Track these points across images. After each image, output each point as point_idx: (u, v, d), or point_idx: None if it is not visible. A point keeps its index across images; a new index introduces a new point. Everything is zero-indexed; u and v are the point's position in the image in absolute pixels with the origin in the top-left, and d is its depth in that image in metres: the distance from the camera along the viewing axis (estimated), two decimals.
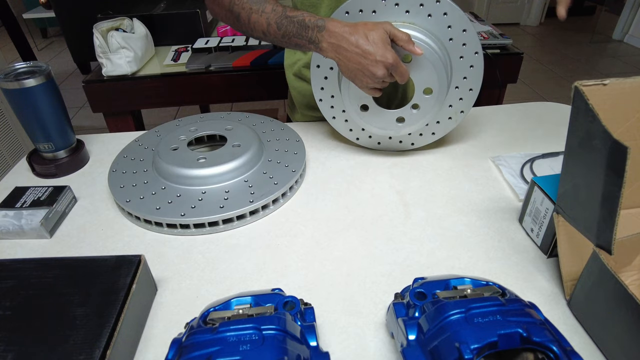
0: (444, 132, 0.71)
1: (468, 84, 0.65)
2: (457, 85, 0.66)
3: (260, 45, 1.29)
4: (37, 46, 3.84)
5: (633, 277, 0.47)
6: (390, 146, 0.74)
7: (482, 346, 0.31)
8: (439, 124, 0.70)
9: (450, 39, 0.62)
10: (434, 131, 0.71)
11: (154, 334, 0.45)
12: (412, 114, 0.65)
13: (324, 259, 0.54)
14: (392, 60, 0.55)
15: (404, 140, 0.73)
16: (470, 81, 0.65)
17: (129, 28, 1.24)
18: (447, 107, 0.68)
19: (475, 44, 0.62)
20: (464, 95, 0.67)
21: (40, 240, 0.58)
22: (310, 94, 0.88)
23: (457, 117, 0.69)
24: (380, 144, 0.74)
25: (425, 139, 0.72)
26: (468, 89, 0.66)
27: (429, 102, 0.63)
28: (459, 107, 0.68)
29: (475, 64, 0.63)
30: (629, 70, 3.05)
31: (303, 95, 0.88)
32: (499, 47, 1.27)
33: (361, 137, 0.74)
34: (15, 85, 0.63)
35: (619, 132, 0.43)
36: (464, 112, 0.69)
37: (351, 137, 0.75)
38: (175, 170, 0.62)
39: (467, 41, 0.62)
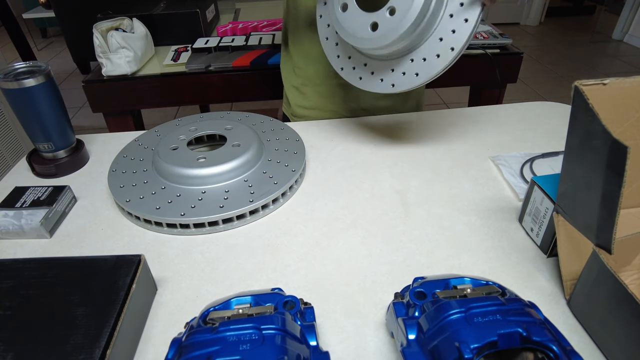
0: (428, 75, 0.61)
1: (464, 12, 0.56)
2: (451, 13, 0.57)
3: (260, 45, 1.29)
4: (37, 46, 3.84)
5: (633, 276, 0.47)
6: (371, 84, 0.67)
7: (482, 346, 0.31)
8: (425, 62, 0.60)
9: None
10: (418, 71, 0.61)
11: (154, 333, 0.45)
12: (386, 19, 0.58)
13: (324, 259, 0.54)
14: None
15: (386, 79, 0.65)
16: (466, 9, 0.56)
17: (128, 28, 1.24)
18: (436, 41, 0.59)
19: None
20: (457, 27, 0.57)
21: (40, 240, 0.58)
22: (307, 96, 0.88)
23: (447, 56, 0.58)
24: (361, 80, 0.68)
25: (408, 80, 0.63)
26: (463, 19, 0.56)
27: (405, 5, 0.55)
28: (449, 42, 0.58)
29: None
30: (629, 69, 3.05)
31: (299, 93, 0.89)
32: (498, 46, 1.27)
33: (345, 67, 0.69)
34: (14, 85, 0.63)
35: (618, 132, 0.43)
36: (455, 50, 0.58)
37: (337, 64, 0.71)
38: (175, 170, 0.62)
39: None
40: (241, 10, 1.82)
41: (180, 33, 1.39)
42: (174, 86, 1.24)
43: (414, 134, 0.79)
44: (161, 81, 1.23)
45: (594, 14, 4.29)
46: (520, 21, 4.08)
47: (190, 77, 1.22)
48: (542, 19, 4.05)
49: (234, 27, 1.46)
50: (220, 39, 1.32)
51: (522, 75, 2.35)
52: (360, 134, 0.80)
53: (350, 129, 0.82)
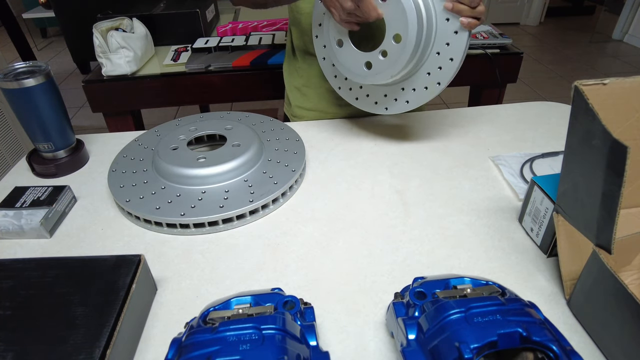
0: (417, 103, 0.68)
1: (449, 52, 0.61)
2: (438, 51, 0.62)
3: (260, 45, 1.29)
4: (37, 46, 3.84)
5: (633, 276, 0.47)
6: (366, 105, 0.73)
7: (481, 345, 0.31)
8: (414, 92, 0.67)
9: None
10: (408, 99, 0.68)
11: (154, 333, 0.45)
12: (379, 61, 0.63)
13: (323, 259, 0.54)
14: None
15: (380, 102, 0.71)
16: (452, 49, 0.61)
17: (128, 28, 1.24)
18: (424, 75, 0.64)
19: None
20: (443, 65, 0.62)
21: (40, 240, 0.58)
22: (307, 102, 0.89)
23: (434, 89, 0.65)
24: (357, 100, 0.73)
25: (399, 106, 0.69)
26: (449, 58, 0.62)
27: (396, 51, 0.60)
28: (436, 77, 0.64)
29: (459, 30, 0.60)
30: (629, 69, 3.05)
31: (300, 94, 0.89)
32: (498, 46, 1.27)
33: (342, 87, 0.74)
34: (14, 85, 0.63)
35: (618, 132, 0.43)
36: (441, 85, 0.64)
37: (334, 84, 0.74)
38: (175, 170, 0.62)
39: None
40: (241, 10, 1.82)
41: (180, 33, 1.39)
42: (174, 86, 1.24)
43: (414, 134, 0.79)
44: (161, 81, 1.22)
45: (594, 14, 4.29)
46: (520, 21, 4.08)
47: (190, 77, 1.22)
48: (542, 19, 4.05)
49: (233, 27, 1.46)
50: (220, 39, 1.32)
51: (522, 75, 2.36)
52: (360, 134, 0.80)
53: (350, 129, 0.82)
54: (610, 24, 3.67)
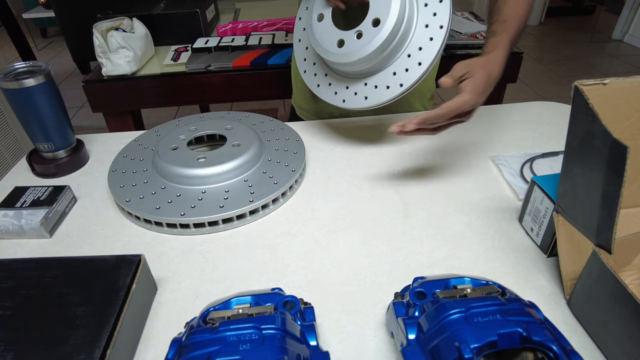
0: (375, 101, 0.66)
1: (420, 56, 0.61)
2: (409, 54, 0.62)
3: (260, 45, 1.29)
4: (37, 46, 3.84)
5: (633, 276, 0.47)
6: (326, 94, 0.71)
7: (482, 345, 0.31)
8: (376, 89, 0.65)
9: (426, 4, 0.60)
10: (367, 96, 0.66)
11: (154, 333, 0.45)
12: (352, 41, 0.62)
13: (323, 259, 0.54)
14: None
15: (339, 93, 0.69)
16: (423, 54, 0.61)
17: (128, 28, 1.24)
18: (390, 74, 0.64)
19: (444, 17, 0.59)
20: (411, 67, 0.62)
21: (40, 240, 0.58)
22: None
23: (395, 90, 0.64)
24: (319, 87, 0.72)
25: (357, 101, 0.68)
26: (417, 62, 0.61)
27: (371, 34, 0.60)
28: (400, 79, 0.63)
29: (435, 37, 0.60)
30: (629, 69, 3.05)
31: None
32: None
33: (308, 71, 0.74)
34: (14, 85, 0.63)
35: (618, 132, 0.43)
36: (403, 86, 0.63)
37: (301, 66, 0.74)
38: (175, 170, 0.62)
39: (438, 12, 0.60)
40: (241, 10, 1.82)
41: (180, 33, 1.39)
42: (174, 86, 1.24)
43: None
44: (161, 81, 1.22)
45: (594, 14, 4.29)
46: None
47: (190, 77, 1.22)
48: (542, 18, 4.05)
49: (234, 27, 1.46)
50: (220, 38, 1.32)
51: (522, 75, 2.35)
52: (360, 134, 0.80)
53: (351, 129, 0.82)
54: (610, 24, 3.67)
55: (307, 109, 0.93)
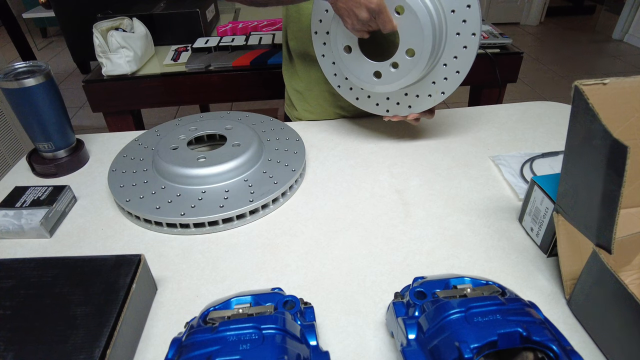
0: (420, 109, 0.69)
1: (457, 64, 0.63)
2: (445, 63, 0.63)
3: (260, 45, 1.29)
4: (37, 46, 3.84)
5: (633, 276, 0.47)
6: (367, 105, 0.73)
7: (482, 345, 0.31)
8: (418, 98, 0.68)
9: (453, 10, 0.59)
10: (411, 104, 0.69)
11: (154, 333, 0.45)
12: (389, 72, 0.63)
13: (323, 258, 0.54)
14: (375, 4, 0.55)
15: (381, 104, 0.71)
16: (459, 62, 0.62)
17: (128, 28, 1.24)
18: (429, 83, 0.66)
19: (475, 24, 0.59)
20: (449, 76, 0.64)
21: (40, 240, 0.58)
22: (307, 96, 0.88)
23: (437, 97, 0.67)
24: (358, 100, 0.73)
25: (400, 109, 0.70)
26: (455, 71, 0.63)
27: (407, 65, 0.61)
28: (441, 87, 0.65)
29: (469, 46, 0.61)
30: (629, 69, 3.05)
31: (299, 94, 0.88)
32: (498, 46, 1.27)
33: (342, 86, 0.73)
34: (14, 85, 0.63)
35: (619, 132, 0.43)
36: (445, 94, 0.66)
37: (334, 82, 0.74)
38: (175, 170, 0.62)
39: (467, 18, 0.59)
40: (241, 10, 1.82)
41: (180, 33, 1.39)
42: (174, 86, 1.24)
43: (414, 134, 0.79)
44: (161, 81, 1.22)
45: (594, 14, 4.29)
46: (520, 21, 4.07)
47: (190, 77, 1.22)
48: (542, 18, 4.04)
49: (234, 26, 1.46)
50: (220, 38, 1.32)
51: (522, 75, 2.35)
52: (360, 134, 0.80)
53: (350, 129, 0.82)
54: (610, 24, 3.67)
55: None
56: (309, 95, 0.87)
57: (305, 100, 0.89)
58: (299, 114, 0.92)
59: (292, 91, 0.91)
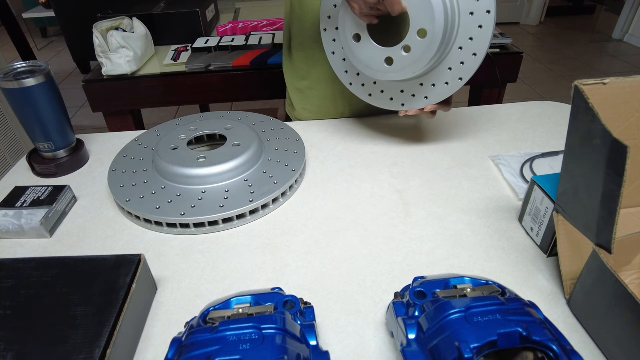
0: (437, 99, 0.65)
1: (473, 46, 0.59)
2: (460, 46, 0.60)
3: (260, 45, 1.29)
4: (37, 46, 3.84)
5: (633, 276, 0.47)
6: (381, 102, 0.70)
7: (482, 345, 0.31)
8: (434, 88, 0.64)
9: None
10: (427, 95, 0.65)
11: (154, 333, 0.45)
12: (401, 57, 0.60)
13: (324, 258, 0.54)
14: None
15: (396, 98, 0.69)
16: (475, 44, 0.59)
17: (128, 27, 1.24)
18: (445, 70, 0.62)
19: (489, 1, 0.56)
20: (466, 59, 0.60)
21: (40, 240, 0.58)
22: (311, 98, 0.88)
23: (455, 84, 0.63)
24: (371, 97, 0.71)
25: (416, 102, 0.67)
26: (472, 53, 0.60)
27: (420, 47, 0.58)
28: (458, 73, 0.62)
29: (484, 25, 0.57)
30: (629, 69, 3.05)
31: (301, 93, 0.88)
32: (499, 46, 1.27)
33: (354, 83, 0.71)
34: (14, 85, 0.63)
35: (619, 131, 0.43)
36: (463, 80, 0.62)
37: (345, 80, 0.72)
38: (175, 170, 0.62)
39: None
40: (241, 10, 1.82)
41: (180, 33, 1.39)
42: (174, 86, 1.24)
43: (414, 134, 0.79)
44: (161, 81, 1.22)
45: (594, 14, 4.29)
46: (521, 21, 4.07)
47: (190, 77, 1.22)
48: (542, 18, 4.05)
49: (234, 26, 1.46)
50: (220, 38, 1.32)
51: (522, 75, 2.35)
52: (360, 134, 0.80)
53: (350, 129, 0.82)
54: (610, 24, 3.67)
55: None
56: (310, 94, 0.87)
57: (306, 99, 0.88)
58: (299, 114, 0.91)
59: (293, 90, 0.90)
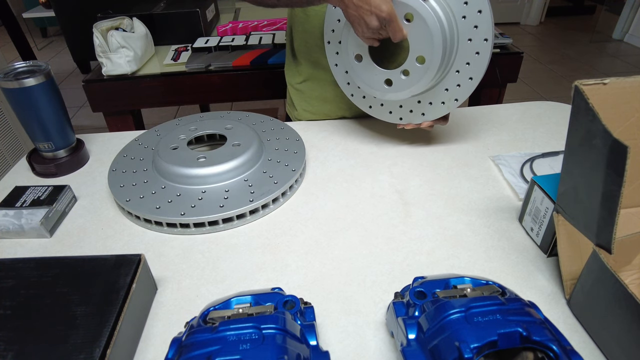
0: (433, 116, 0.68)
1: (469, 71, 0.62)
2: (458, 70, 0.63)
3: (260, 45, 1.29)
4: (37, 46, 3.84)
5: (633, 276, 0.47)
6: (380, 114, 0.73)
7: (482, 345, 0.31)
8: (431, 106, 0.67)
9: (464, 16, 0.59)
10: (424, 112, 0.69)
11: (154, 333, 0.45)
12: (400, 79, 0.63)
13: (323, 258, 0.54)
14: (385, 14, 0.54)
15: (394, 112, 0.71)
16: (472, 69, 0.62)
17: (128, 27, 1.24)
18: (442, 90, 0.65)
19: (487, 29, 0.59)
20: (462, 83, 0.64)
21: (40, 240, 0.58)
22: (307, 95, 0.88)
23: (450, 105, 0.66)
24: (371, 108, 0.73)
25: (414, 117, 0.70)
26: (468, 77, 0.63)
27: (418, 72, 0.61)
28: (454, 94, 0.65)
29: (481, 52, 0.60)
30: (629, 69, 3.05)
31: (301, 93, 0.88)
32: (499, 46, 1.27)
33: (355, 95, 0.74)
34: (15, 85, 0.63)
35: (619, 131, 0.43)
36: (458, 101, 0.66)
37: (347, 91, 0.75)
38: (175, 170, 0.62)
39: (479, 24, 0.58)
40: (241, 9, 1.82)
41: (181, 32, 1.39)
42: (174, 86, 1.24)
43: (414, 134, 0.79)
44: (161, 81, 1.22)
45: (594, 14, 4.29)
46: (521, 21, 4.07)
47: (190, 77, 1.22)
48: (542, 18, 4.04)
49: (234, 26, 1.46)
50: (221, 38, 1.32)
51: (522, 75, 2.35)
52: (360, 134, 0.80)
53: (350, 129, 0.82)
54: (610, 24, 3.67)
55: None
56: (312, 95, 0.87)
57: (308, 100, 0.88)
58: (299, 114, 0.91)
59: (294, 90, 0.90)
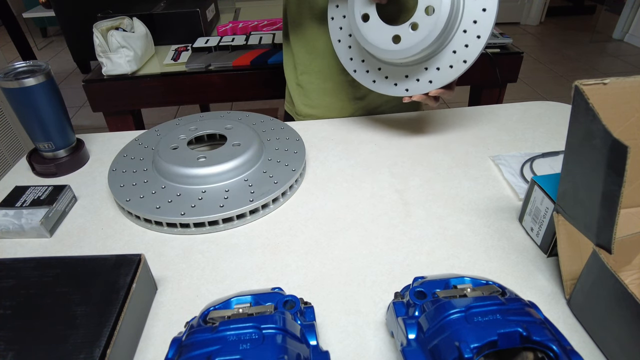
0: (441, 83, 0.66)
1: (477, 29, 0.60)
2: (465, 29, 0.61)
3: (260, 45, 1.29)
4: (37, 45, 3.84)
5: (633, 276, 0.47)
6: (384, 87, 0.71)
7: (482, 345, 0.31)
8: (439, 71, 0.65)
9: None
10: (432, 79, 0.66)
11: (154, 333, 0.45)
12: (408, 34, 0.62)
13: (324, 258, 0.54)
14: None
15: (400, 84, 0.70)
16: (479, 27, 0.60)
17: (128, 27, 1.24)
18: (450, 52, 0.63)
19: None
20: (470, 42, 0.61)
21: (40, 240, 0.58)
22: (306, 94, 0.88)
23: (459, 67, 0.63)
24: (375, 83, 0.72)
25: (421, 86, 0.68)
26: (476, 36, 0.61)
27: (428, 24, 0.60)
28: (462, 55, 0.63)
29: (488, 8, 0.59)
30: (629, 69, 3.05)
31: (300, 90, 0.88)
32: (499, 46, 1.27)
33: (358, 70, 0.73)
34: (15, 85, 0.63)
35: (619, 131, 0.43)
36: (467, 63, 0.63)
37: (349, 67, 0.74)
38: (175, 170, 0.62)
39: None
40: (241, 9, 1.82)
41: (181, 32, 1.39)
42: (174, 86, 1.24)
43: (414, 134, 0.79)
44: (161, 81, 1.22)
45: (594, 14, 4.29)
46: (521, 21, 4.07)
47: (190, 77, 1.22)
48: (542, 18, 4.05)
49: (234, 26, 1.46)
50: (221, 38, 1.32)
51: (522, 75, 2.35)
52: (360, 134, 0.80)
53: (350, 129, 0.82)
54: (610, 24, 3.67)
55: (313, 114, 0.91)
56: (310, 88, 0.87)
57: (306, 94, 0.88)
58: (299, 110, 0.91)
59: (293, 85, 0.90)
